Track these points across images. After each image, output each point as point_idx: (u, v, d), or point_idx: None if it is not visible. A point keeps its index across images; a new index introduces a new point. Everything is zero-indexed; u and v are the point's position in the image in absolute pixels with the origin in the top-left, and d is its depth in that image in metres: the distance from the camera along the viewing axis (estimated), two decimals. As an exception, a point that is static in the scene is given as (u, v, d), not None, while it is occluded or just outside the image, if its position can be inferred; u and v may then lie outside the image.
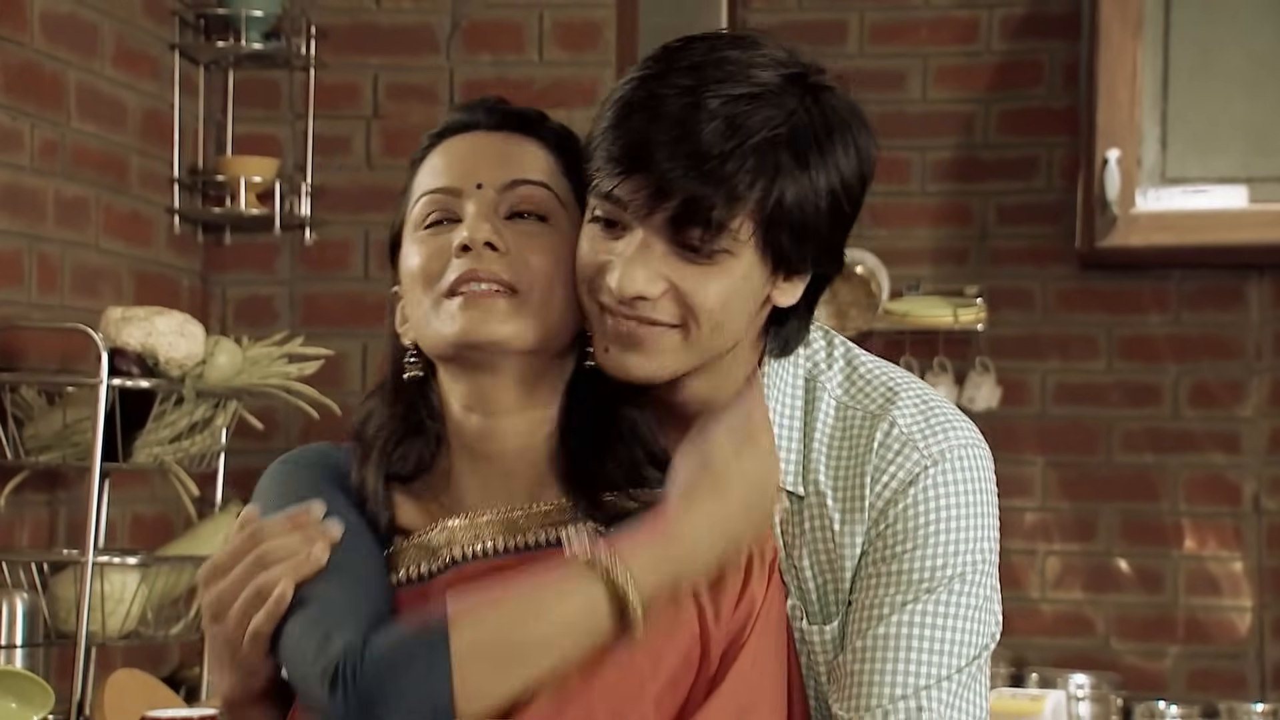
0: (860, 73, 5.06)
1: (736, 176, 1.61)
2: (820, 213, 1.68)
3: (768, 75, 1.66)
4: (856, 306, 4.93)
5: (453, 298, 1.67)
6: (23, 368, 3.39)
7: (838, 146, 1.69)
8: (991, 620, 1.76)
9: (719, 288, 1.66)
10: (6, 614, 3.12)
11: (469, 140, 1.74)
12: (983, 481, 1.77)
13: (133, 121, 3.82)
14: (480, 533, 1.71)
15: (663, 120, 1.62)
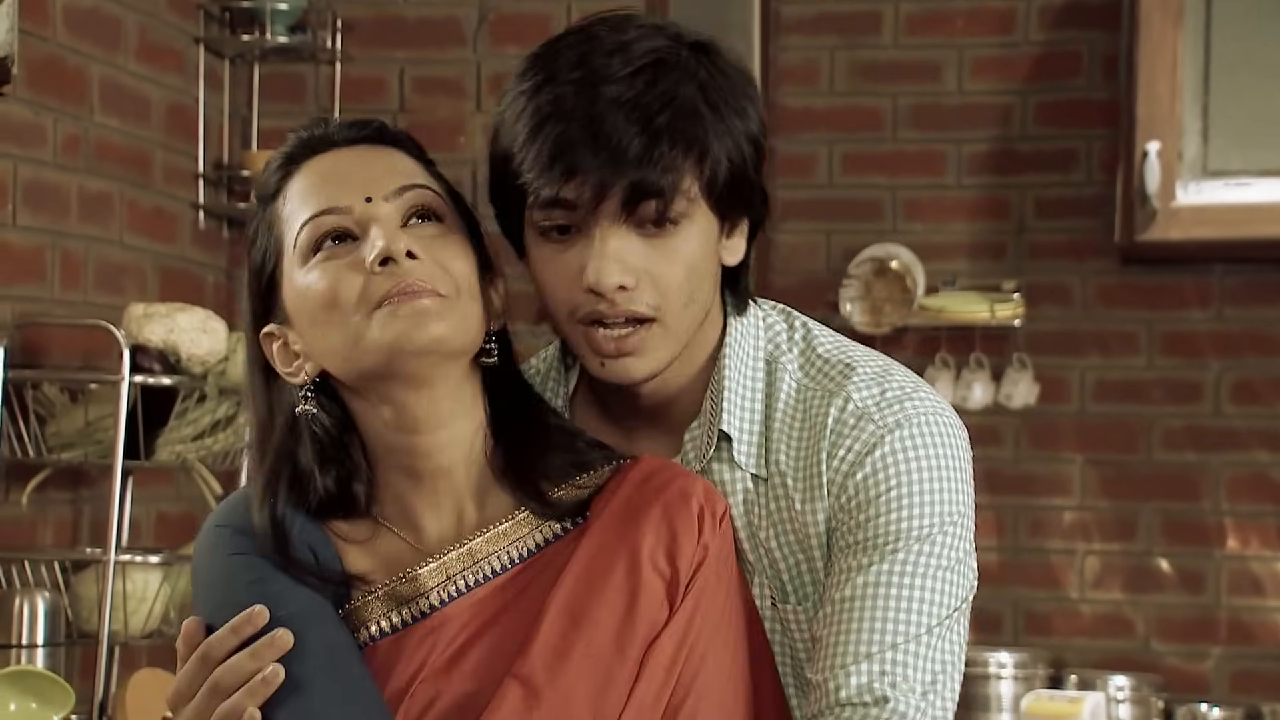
0: (895, 64, 5.05)
1: (672, 143, 1.67)
2: (748, 160, 1.74)
3: (656, 43, 1.71)
4: (891, 302, 4.92)
5: (381, 307, 1.66)
6: (45, 365, 3.41)
7: (742, 95, 1.74)
8: (963, 582, 1.75)
9: (684, 256, 1.71)
10: (28, 613, 3.14)
11: (332, 159, 1.72)
12: (945, 446, 1.76)
13: (157, 116, 3.84)
14: (450, 572, 1.72)
15: (578, 115, 1.67)
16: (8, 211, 3.37)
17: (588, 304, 1.71)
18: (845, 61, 5.06)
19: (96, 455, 3.29)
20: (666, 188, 1.67)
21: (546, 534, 1.74)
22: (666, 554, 1.68)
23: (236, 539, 1.73)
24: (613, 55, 1.69)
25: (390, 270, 1.65)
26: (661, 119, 1.67)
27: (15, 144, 3.38)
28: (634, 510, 1.70)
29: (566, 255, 1.71)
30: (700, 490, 1.72)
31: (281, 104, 4.14)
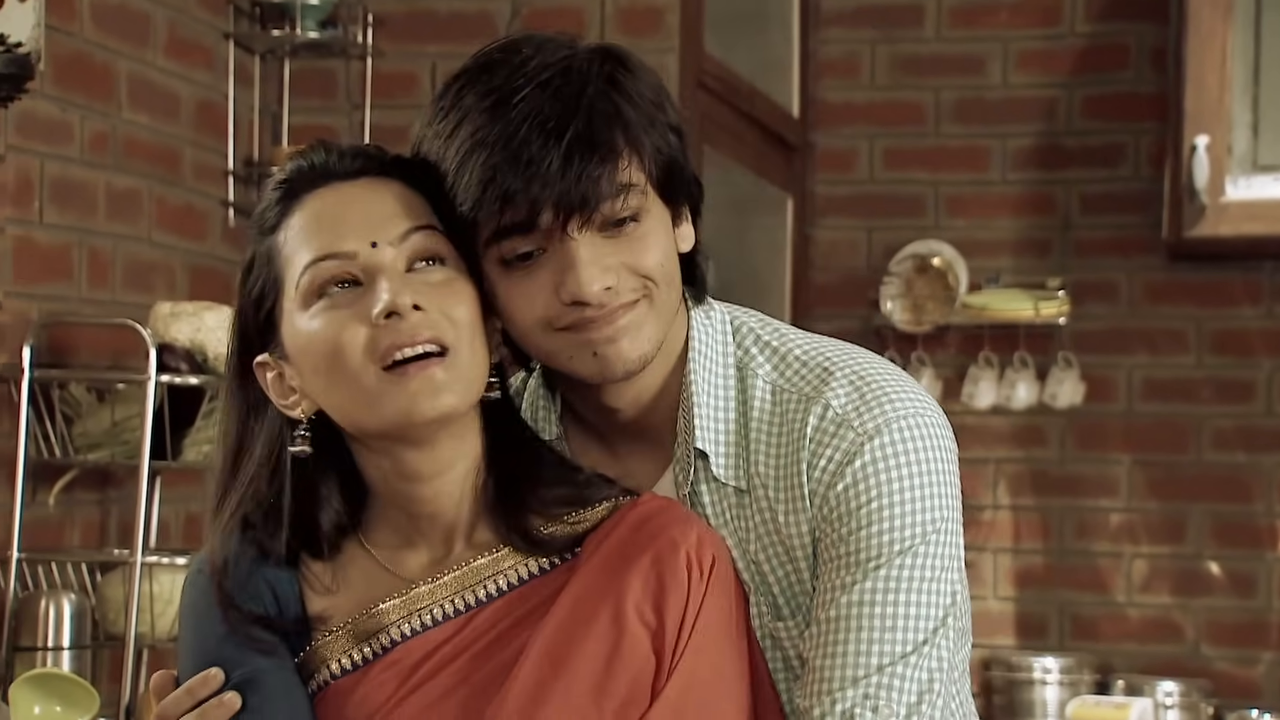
0: (938, 58, 5.04)
1: (590, 148, 1.68)
2: (674, 146, 1.75)
3: (557, 55, 1.72)
4: (933, 300, 4.91)
5: (389, 372, 1.67)
6: (74, 364, 3.43)
7: (655, 90, 1.76)
8: (947, 590, 1.74)
9: (655, 243, 1.73)
10: (54, 615, 3.16)
11: (334, 195, 1.71)
12: (926, 450, 1.74)
13: (186, 112, 3.86)
14: (414, 606, 1.74)
15: (495, 139, 1.67)
16: (34, 209, 3.39)
17: (569, 314, 1.71)
18: (886, 54, 5.06)
19: (123, 456, 3.31)
20: (601, 188, 1.68)
21: (533, 568, 1.75)
22: (654, 605, 1.68)
23: (214, 588, 1.76)
24: (516, 74, 1.70)
25: (394, 324, 1.67)
26: (575, 125, 1.68)
27: (42, 141, 3.40)
28: (624, 556, 1.70)
29: (537, 277, 1.71)
30: (693, 541, 1.71)
31: (312, 100, 4.15)
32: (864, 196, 5.07)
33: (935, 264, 4.94)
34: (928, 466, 1.73)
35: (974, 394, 4.89)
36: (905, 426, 1.74)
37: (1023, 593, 4.98)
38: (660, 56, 4.03)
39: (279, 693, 1.72)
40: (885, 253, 5.03)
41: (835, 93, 5.08)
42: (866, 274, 5.05)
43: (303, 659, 1.76)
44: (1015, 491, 5.00)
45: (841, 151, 5.08)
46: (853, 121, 5.07)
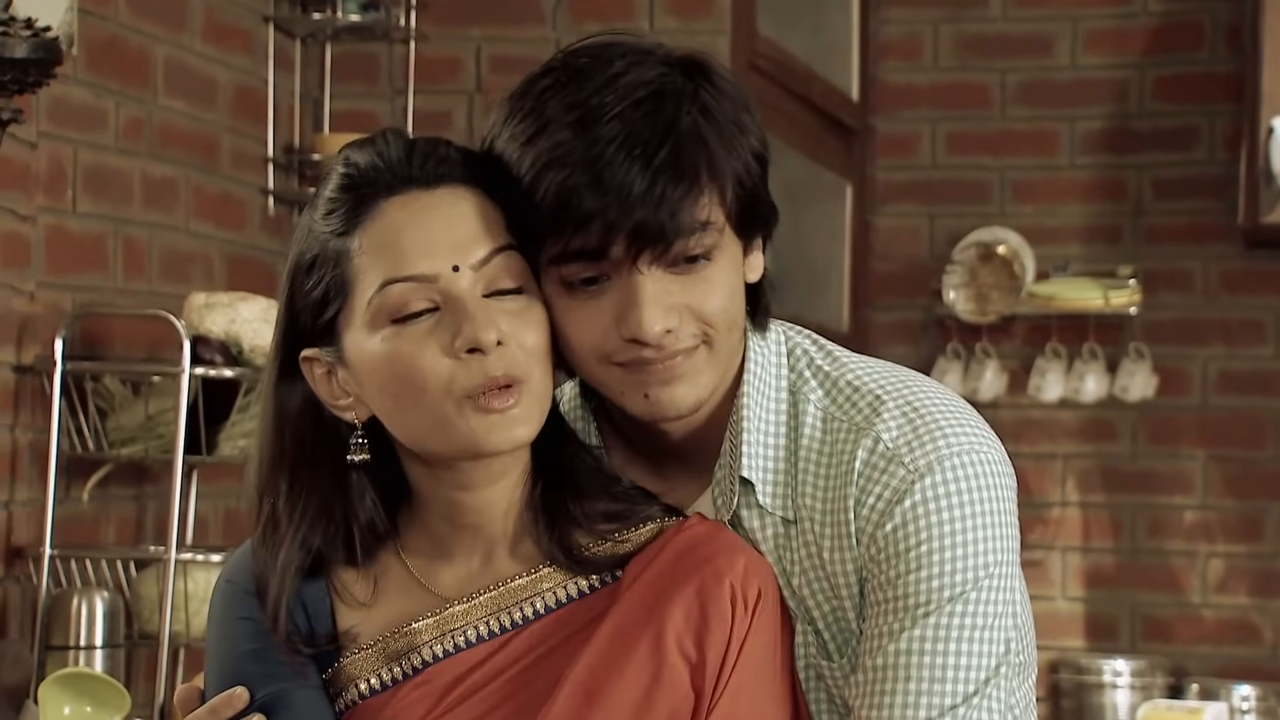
0: (1004, 37, 5.01)
1: (677, 177, 1.66)
2: (756, 177, 1.73)
3: (648, 73, 1.69)
4: (998, 289, 4.88)
5: (466, 403, 1.67)
6: (108, 356, 3.44)
7: (742, 111, 1.73)
8: (999, 639, 1.70)
9: (722, 285, 1.70)
10: (86, 613, 3.17)
11: (415, 206, 1.69)
12: (981, 490, 1.71)
13: (224, 98, 3.87)
14: (447, 627, 1.73)
15: (577, 159, 1.65)
16: (67, 198, 3.40)
17: (626, 351, 1.69)
18: (950, 35, 5.04)
19: (158, 450, 3.31)
20: (680, 225, 1.65)
21: (573, 590, 1.73)
22: (695, 638, 1.66)
23: (243, 600, 1.75)
24: (605, 90, 1.67)
25: (476, 359, 1.66)
26: (663, 153, 1.65)
27: (75, 127, 3.41)
28: (668, 584, 1.68)
29: (598, 304, 1.69)
30: (739, 572, 1.68)
31: (354, 85, 4.16)
32: (926, 182, 5.05)
33: (1000, 252, 4.90)
34: (982, 507, 1.70)
35: (1041, 387, 4.86)
36: (959, 464, 1.70)
37: (1092, 593, 4.94)
38: (711, 39, 4.01)
39: (306, 713, 1.72)
40: (948, 241, 5.00)
41: (897, 75, 5.06)
42: (929, 263, 5.03)
43: (331, 675, 1.75)
44: (1084, 488, 4.97)
45: (903, 136, 5.05)
46: (915, 104, 5.05)
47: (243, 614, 1.75)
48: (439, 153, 1.71)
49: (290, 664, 1.73)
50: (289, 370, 1.74)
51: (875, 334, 5.05)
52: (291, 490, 1.73)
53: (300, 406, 1.74)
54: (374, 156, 1.70)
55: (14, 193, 3.26)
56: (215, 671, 1.75)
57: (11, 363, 3.27)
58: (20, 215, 3.28)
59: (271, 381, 1.75)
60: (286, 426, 1.74)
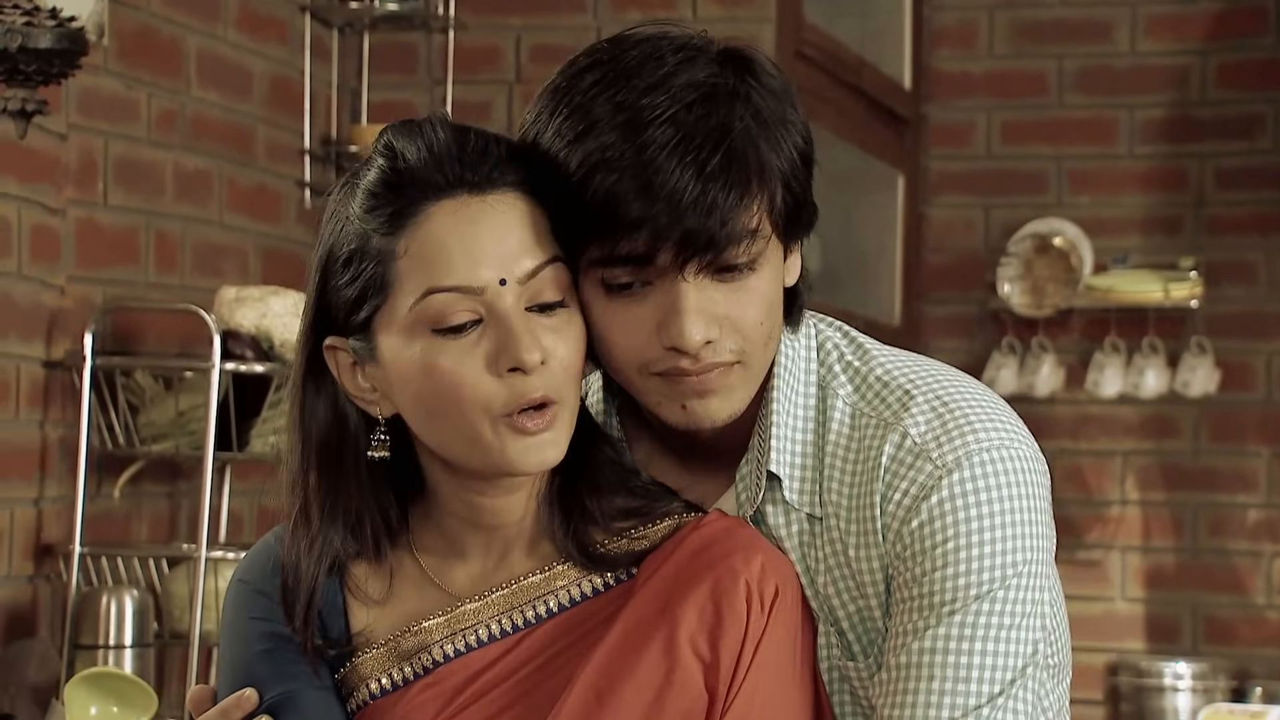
0: (1061, 23, 4.97)
1: (728, 184, 1.65)
2: (801, 179, 1.72)
3: (698, 73, 1.67)
4: (1054, 282, 4.86)
5: (502, 421, 1.66)
6: (140, 351, 3.45)
7: (789, 108, 1.72)
8: (1027, 639, 1.68)
9: (763, 296, 1.70)
10: (115, 612, 3.19)
11: (464, 213, 1.66)
12: (1011, 486, 1.69)
13: (259, 89, 3.88)
14: (458, 625, 1.72)
15: (626, 164, 1.64)
16: (98, 190, 3.42)
17: (665, 360, 1.69)
18: (1006, 21, 5.01)
19: (189, 446, 3.33)
20: (730, 233, 1.65)
21: (587, 588, 1.72)
22: (709, 638, 1.65)
23: (255, 600, 1.76)
24: (654, 92, 1.65)
25: (518, 378, 1.65)
26: (716, 159, 1.64)
27: (105, 119, 3.43)
28: (682, 583, 1.67)
29: (640, 310, 1.68)
30: (755, 570, 1.67)
31: (392, 75, 4.16)
32: (981, 172, 5.02)
33: (1057, 244, 4.87)
34: (1011, 505, 1.68)
35: (1099, 382, 4.83)
36: (988, 460, 1.69)
37: (1152, 593, 4.90)
38: (756, 27, 4.00)
39: (315, 714, 1.71)
40: (1003, 232, 4.98)
41: (950, 62, 5.03)
42: (984, 255, 5.00)
43: (343, 675, 1.75)
44: (1144, 486, 4.93)
45: (957, 125, 5.03)
46: (969, 93, 5.02)
47: (254, 614, 1.75)
48: (491, 153, 1.68)
49: (306, 661, 1.72)
50: (316, 360, 1.73)
51: (928, 328, 5.03)
52: (320, 484, 1.72)
53: (325, 398, 1.73)
54: (422, 150, 1.66)
55: (43, 185, 3.28)
56: (227, 672, 1.76)
57: (41, 358, 3.29)
58: (50, 208, 3.30)
59: (300, 372, 1.74)
60: (312, 419, 1.73)
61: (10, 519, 3.24)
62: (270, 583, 1.76)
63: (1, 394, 3.21)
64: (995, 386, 4.89)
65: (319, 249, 1.71)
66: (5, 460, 3.23)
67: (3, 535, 3.22)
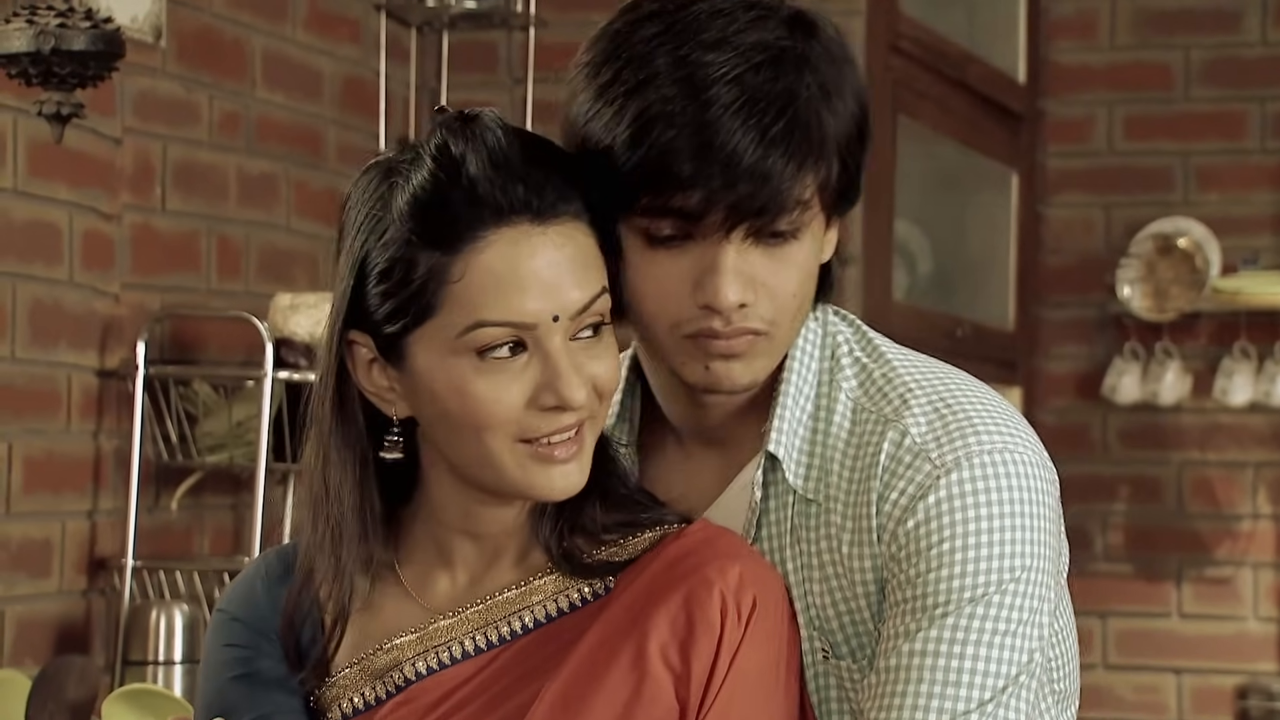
0: (1187, 12, 4.87)
1: (789, 152, 1.65)
2: (858, 153, 1.73)
3: (764, 34, 1.67)
4: (1178, 284, 4.74)
5: (528, 447, 1.65)
6: (201, 360, 3.45)
7: (849, 71, 1.72)
8: (1022, 648, 1.67)
9: (801, 265, 1.71)
10: (165, 627, 3.18)
11: (525, 246, 1.63)
12: (1012, 490, 1.68)
13: (330, 90, 3.87)
14: (433, 643, 1.72)
15: (686, 121, 1.63)
16: (155, 195, 3.42)
17: (698, 320, 1.69)
18: (1128, 11, 4.93)
19: (244, 458, 3.31)
20: (783, 201, 1.66)
21: (563, 603, 1.71)
22: (680, 648, 1.64)
23: (230, 627, 1.77)
24: (718, 49, 1.65)
25: (556, 414, 1.65)
26: (779, 126, 1.64)
27: (164, 123, 3.43)
28: (655, 593, 1.66)
29: (678, 265, 1.68)
30: (732, 580, 1.66)
31: (471, 75, 4.13)
32: (1102, 170, 4.94)
33: (1181, 244, 4.75)
34: (1010, 508, 1.68)
35: (1228, 389, 4.71)
36: (989, 462, 1.69)
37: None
38: (845, 19, 3.92)
39: None
40: (1126, 232, 4.88)
41: (1069, 54, 4.94)
42: (1105, 255, 4.90)
43: (317, 697, 1.74)
44: (1277, 499, 4.80)
45: (1076, 120, 4.94)
46: (1089, 86, 4.94)
47: (228, 641, 1.76)
48: (553, 179, 1.64)
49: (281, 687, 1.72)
50: (342, 359, 1.69)
51: (1045, 333, 4.93)
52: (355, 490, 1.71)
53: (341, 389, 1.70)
54: (484, 163, 1.62)
55: (96, 190, 3.29)
56: (202, 700, 1.77)
57: (94, 367, 3.29)
58: (103, 214, 3.30)
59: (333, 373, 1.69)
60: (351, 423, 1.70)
61: (62, 531, 3.25)
62: (245, 609, 1.77)
63: (52, 404, 3.22)
64: (1117, 394, 4.77)
65: (351, 243, 1.67)
66: (57, 472, 3.23)
67: (54, 548, 3.23)
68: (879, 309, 3.83)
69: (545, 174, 1.64)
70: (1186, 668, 4.85)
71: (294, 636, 1.74)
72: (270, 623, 1.76)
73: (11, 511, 3.15)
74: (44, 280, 3.18)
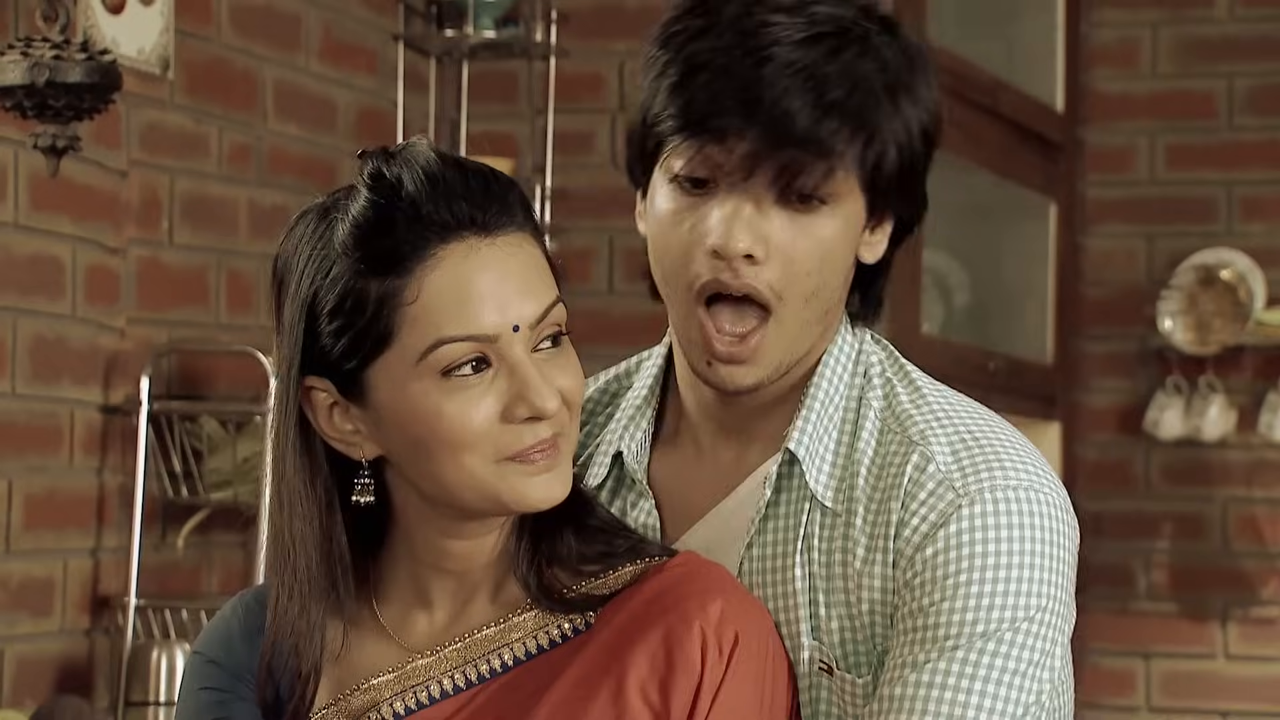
0: (1230, 40, 4.82)
1: (842, 121, 1.67)
2: (916, 153, 1.73)
3: (841, 10, 1.69)
4: (1221, 317, 4.67)
5: (507, 463, 1.64)
6: (211, 395, 3.43)
7: (924, 80, 1.73)
8: (1030, 689, 1.65)
9: (824, 240, 1.70)
10: (165, 667, 3.16)
11: (476, 260, 1.62)
12: (1034, 528, 1.67)
13: (345, 121, 3.86)
14: (411, 683, 1.70)
15: (737, 72, 1.65)
16: (162, 229, 3.40)
17: (708, 271, 1.69)
18: (1170, 38, 4.87)
19: (249, 496, 3.29)
20: (820, 171, 1.66)
21: (543, 640, 1.69)
22: (660, 685, 1.63)
23: (206, 670, 1.76)
24: (791, 13, 1.68)
25: (531, 426, 1.63)
26: (837, 93, 1.66)
27: (172, 155, 3.42)
28: (635, 629, 1.65)
29: (698, 211, 1.70)
30: (713, 616, 1.64)
31: (490, 105, 4.11)
32: (1143, 200, 4.88)
33: (1224, 276, 4.68)
34: (1032, 546, 1.67)
35: (1273, 425, 4.66)
36: (1013, 497, 1.68)
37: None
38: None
39: None
40: (1169, 263, 4.81)
41: (1110, 83, 4.89)
42: (1147, 287, 4.83)
43: None
44: (1324, 537, 4.72)
45: (1117, 149, 4.89)
46: (1131, 115, 4.89)
47: (204, 684, 1.75)
48: (494, 190, 1.64)
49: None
50: (294, 402, 1.67)
51: (1085, 366, 4.87)
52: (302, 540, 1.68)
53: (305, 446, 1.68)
54: (422, 182, 1.61)
55: (100, 223, 3.28)
56: None
57: (98, 403, 3.28)
58: (108, 247, 3.29)
59: (290, 418, 1.67)
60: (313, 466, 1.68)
61: (64, 570, 3.23)
62: (221, 652, 1.75)
63: (54, 441, 3.21)
64: (1159, 429, 4.70)
65: (296, 289, 1.64)
66: (60, 509, 3.23)
67: (56, 587, 3.22)
68: (905, 342, 3.75)
69: (484, 189, 1.63)
70: (1233, 710, 4.76)
71: (273, 687, 1.71)
72: (247, 665, 1.73)
73: (11, 550, 3.13)
74: (46, 315, 3.17)
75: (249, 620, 1.75)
